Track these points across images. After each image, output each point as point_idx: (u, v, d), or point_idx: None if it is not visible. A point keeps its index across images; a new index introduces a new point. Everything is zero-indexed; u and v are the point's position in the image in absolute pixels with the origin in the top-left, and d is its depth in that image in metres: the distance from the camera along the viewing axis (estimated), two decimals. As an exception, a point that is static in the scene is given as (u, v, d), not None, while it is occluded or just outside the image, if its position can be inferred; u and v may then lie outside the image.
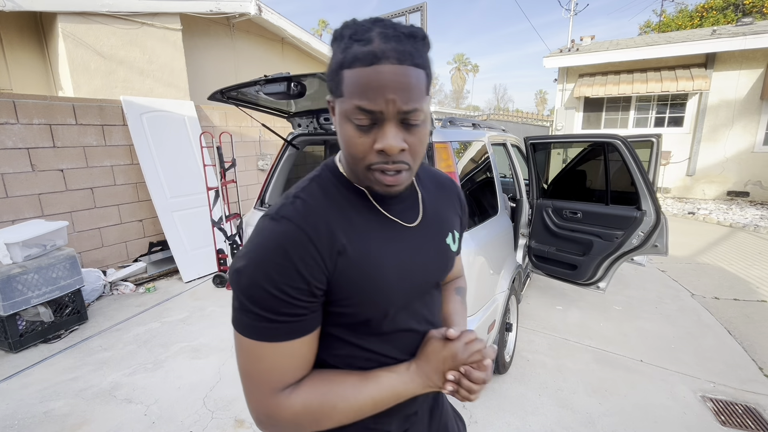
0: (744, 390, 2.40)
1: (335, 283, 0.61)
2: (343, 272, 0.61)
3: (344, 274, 0.61)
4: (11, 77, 4.67)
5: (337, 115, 0.60)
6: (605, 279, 3.00)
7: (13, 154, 3.45)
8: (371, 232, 0.65)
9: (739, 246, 5.45)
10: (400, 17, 6.28)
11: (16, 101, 3.46)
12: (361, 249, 0.63)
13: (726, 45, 7.91)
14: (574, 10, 15.57)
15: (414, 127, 0.59)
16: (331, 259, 0.60)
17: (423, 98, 0.58)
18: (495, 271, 2.23)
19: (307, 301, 0.59)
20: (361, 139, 0.58)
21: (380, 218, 0.67)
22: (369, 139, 0.58)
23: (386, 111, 0.56)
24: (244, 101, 2.30)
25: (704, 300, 3.71)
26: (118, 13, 4.74)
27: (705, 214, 7.22)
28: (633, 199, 2.77)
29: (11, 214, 3.46)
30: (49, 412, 2.20)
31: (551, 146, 3.48)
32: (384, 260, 0.65)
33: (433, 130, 2.02)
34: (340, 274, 0.61)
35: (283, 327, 0.59)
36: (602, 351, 2.83)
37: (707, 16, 16.02)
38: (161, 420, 2.14)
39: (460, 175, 1.99)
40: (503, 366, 2.46)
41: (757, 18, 10.10)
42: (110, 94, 4.73)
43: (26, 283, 2.84)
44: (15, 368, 2.63)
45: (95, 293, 3.68)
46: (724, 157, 8.56)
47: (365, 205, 0.67)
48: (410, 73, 0.55)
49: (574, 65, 9.73)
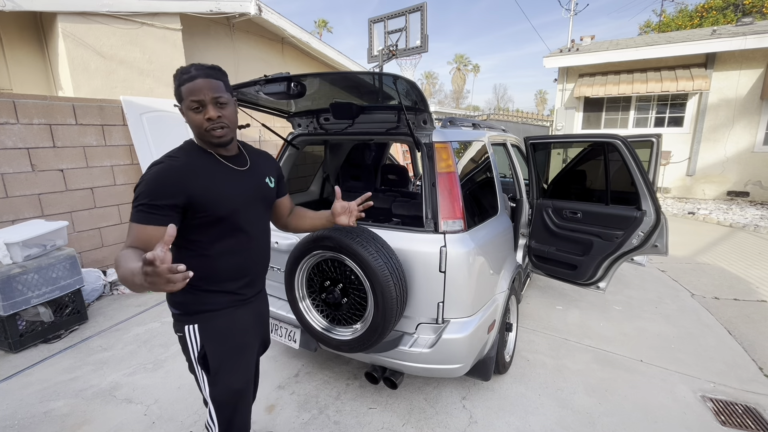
0: (744, 390, 2.40)
1: (194, 197, 1.16)
2: (199, 192, 1.17)
3: (199, 192, 1.17)
4: (11, 77, 4.67)
5: (184, 111, 1.20)
6: (605, 279, 3.00)
7: (13, 154, 3.45)
8: (216, 173, 1.24)
9: (739, 246, 5.45)
10: (400, 17, 6.28)
11: (16, 101, 3.46)
12: (210, 179, 1.21)
13: (726, 45, 7.91)
14: (574, 10, 15.57)
15: (223, 106, 1.20)
16: (190, 184, 1.16)
17: (224, 91, 1.20)
18: (495, 271, 2.23)
19: (167, 205, 1.12)
20: (197, 116, 1.18)
21: (223, 166, 1.27)
22: (201, 115, 1.18)
23: (205, 98, 1.17)
24: (244, 101, 2.29)
25: (704, 300, 3.71)
26: (118, 13, 4.74)
27: (705, 214, 7.22)
28: (633, 199, 2.77)
29: (11, 214, 3.45)
30: (49, 412, 2.20)
31: (551, 146, 3.48)
32: (224, 185, 1.23)
33: (433, 129, 2.02)
34: (197, 193, 1.16)
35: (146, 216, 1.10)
36: (602, 351, 2.83)
37: (707, 16, 16.02)
38: (161, 420, 2.14)
39: (460, 175, 1.99)
40: (503, 366, 2.46)
41: (757, 18, 10.09)
42: (110, 94, 4.73)
43: (26, 283, 2.84)
44: (15, 368, 2.63)
45: (95, 293, 3.68)
46: (724, 157, 8.56)
47: (213, 160, 1.25)
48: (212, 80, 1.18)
49: (574, 65, 9.73)
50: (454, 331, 1.87)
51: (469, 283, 1.89)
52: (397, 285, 1.76)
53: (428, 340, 1.88)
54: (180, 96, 1.18)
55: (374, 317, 1.78)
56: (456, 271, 1.83)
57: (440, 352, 1.85)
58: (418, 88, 1.69)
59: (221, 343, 1.30)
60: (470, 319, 1.92)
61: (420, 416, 2.16)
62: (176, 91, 1.19)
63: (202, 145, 1.26)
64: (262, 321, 1.51)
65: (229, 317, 1.31)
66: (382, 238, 1.84)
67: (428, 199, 1.92)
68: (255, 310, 1.42)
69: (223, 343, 1.30)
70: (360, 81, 1.99)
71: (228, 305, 1.31)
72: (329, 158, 3.35)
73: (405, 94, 1.81)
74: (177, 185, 1.13)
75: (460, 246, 1.84)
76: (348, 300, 1.90)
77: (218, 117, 1.18)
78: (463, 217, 1.89)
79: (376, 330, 1.79)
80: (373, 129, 2.27)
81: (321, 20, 40.41)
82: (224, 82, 1.22)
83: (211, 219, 1.20)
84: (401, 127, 2.18)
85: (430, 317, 1.91)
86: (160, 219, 1.11)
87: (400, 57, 6.35)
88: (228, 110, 1.22)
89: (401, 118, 2.15)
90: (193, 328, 1.28)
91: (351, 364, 2.63)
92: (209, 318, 1.28)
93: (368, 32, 6.61)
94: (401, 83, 1.65)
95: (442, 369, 1.92)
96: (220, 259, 1.26)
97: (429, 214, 1.90)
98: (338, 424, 2.10)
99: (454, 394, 2.35)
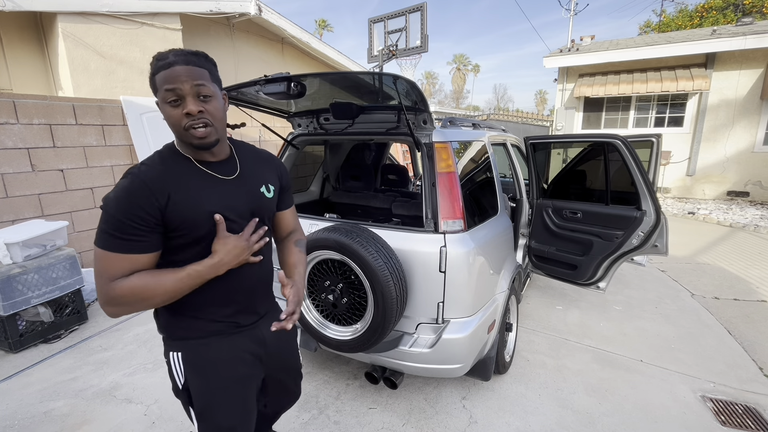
0: (744, 390, 2.40)
1: (168, 216, 0.96)
2: (172, 210, 0.96)
3: (173, 211, 0.96)
4: (11, 77, 4.67)
5: (160, 105, 0.98)
6: (605, 279, 3.00)
7: (13, 154, 3.45)
8: (192, 184, 1.01)
9: (739, 246, 5.45)
10: (400, 17, 6.28)
11: (16, 101, 3.46)
12: (184, 194, 0.98)
13: (726, 45, 7.91)
14: (574, 10, 15.57)
15: (207, 99, 0.98)
16: (162, 201, 0.95)
17: (208, 81, 0.99)
18: (495, 271, 2.23)
19: (143, 227, 0.93)
20: (174, 111, 0.96)
21: (202, 174, 1.04)
22: (179, 109, 0.96)
23: (183, 89, 0.95)
24: (244, 101, 2.29)
25: (704, 300, 3.71)
26: (118, 13, 4.74)
27: (705, 214, 7.22)
28: (633, 199, 2.77)
29: (11, 214, 3.45)
30: (49, 412, 2.20)
31: (551, 146, 3.48)
32: (202, 199, 1.01)
33: (433, 129, 2.02)
34: (170, 211, 0.96)
35: (123, 243, 0.93)
36: (602, 351, 2.83)
37: (707, 16, 16.02)
38: (161, 420, 2.14)
39: (460, 175, 1.99)
40: (503, 366, 2.46)
41: (757, 18, 10.09)
42: (110, 94, 4.73)
43: (26, 283, 2.84)
44: (15, 368, 2.63)
45: (95, 293, 3.68)
46: (724, 157, 8.56)
47: (191, 167, 1.03)
48: (194, 68, 0.96)
49: (574, 65, 9.72)
50: (454, 331, 1.87)
51: (469, 283, 1.89)
52: (397, 285, 1.76)
53: (428, 340, 1.88)
54: (155, 86, 0.97)
55: (374, 317, 1.78)
56: (456, 271, 1.83)
57: (440, 352, 1.85)
58: (418, 88, 1.69)
59: (206, 377, 1.11)
60: (470, 319, 1.92)
61: (420, 416, 2.16)
62: (151, 80, 0.98)
63: (181, 149, 1.05)
64: (272, 348, 1.25)
65: (216, 347, 1.12)
66: (382, 238, 1.84)
67: (428, 199, 1.92)
68: (256, 337, 1.19)
69: (209, 378, 1.11)
70: (360, 81, 1.99)
71: (215, 333, 1.12)
72: (329, 158, 3.35)
73: (405, 94, 1.81)
74: (148, 202, 0.93)
75: (460, 246, 1.84)
76: (348, 300, 1.90)
77: (199, 112, 0.96)
78: (463, 217, 1.89)
79: (376, 330, 1.79)
80: (373, 129, 2.27)
81: (321, 20, 40.40)
82: (209, 70, 1.01)
83: (188, 240, 1.01)
84: (401, 127, 2.18)
85: (430, 317, 1.91)
86: (140, 245, 0.94)
87: (400, 57, 6.35)
88: (212, 105, 0.99)
89: (401, 118, 2.15)
90: (177, 357, 1.11)
91: (351, 364, 2.63)
92: (194, 347, 1.11)
93: (368, 32, 6.61)
94: (401, 83, 1.65)
95: (442, 369, 1.92)
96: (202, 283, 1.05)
97: (429, 214, 1.90)
98: (338, 424, 2.10)
99: (454, 394, 2.35)
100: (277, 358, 1.29)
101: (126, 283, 0.93)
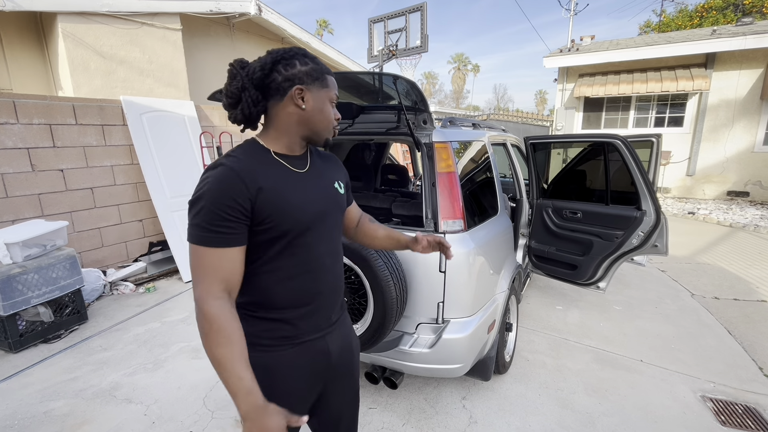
0: (744, 390, 2.40)
1: (258, 208, 0.94)
2: (263, 201, 0.94)
3: (263, 202, 0.94)
4: (11, 77, 4.67)
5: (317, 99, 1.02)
6: (605, 279, 3.00)
7: (13, 154, 3.45)
8: (278, 177, 1.00)
9: (739, 246, 5.45)
10: (400, 17, 6.28)
11: (16, 101, 3.46)
12: (273, 185, 0.97)
13: (726, 45, 7.92)
14: (574, 10, 15.57)
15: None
16: (253, 192, 0.93)
17: None
18: (495, 271, 2.23)
19: (234, 218, 0.91)
20: (332, 111, 1.06)
21: (282, 167, 1.03)
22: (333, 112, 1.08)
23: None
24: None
25: (704, 300, 3.71)
26: (118, 13, 4.74)
27: (705, 214, 7.22)
28: (633, 199, 2.77)
29: (11, 214, 3.45)
30: (49, 412, 2.20)
31: (551, 146, 3.48)
32: (287, 193, 1.00)
33: (433, 129, 2.02)
34: (261, 202, 0.94)
35: (220, 237, 0.90)
36: (602, 351, 2.83)
37: (707, 16, 16.02)
38: (161, 420, 2.14)
39: (460, 175, 1.99)
40: (503, 366, 2.46)
41: (757, 18, 10.09)
42: (110, 94, 4.73)
43: (26, 283, 2.84)
44: (15, 368, 2.63)
45: (95, 293, 3.68)
46: (724, 157, 8.56)
47: (273, 160, 1.03)
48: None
49: (574, 65, 9.73)
50: (454, 331, 1.87)
51: (469, 283, 1.89)
52: (397, 285, 1.76)
53: (428, 340, 1.88)
54: (324, 83, 1.02)
55: (374, 317, 1.78)
56: (456, 271, 1.83)
57: (440, 352, 1.85)
58: (418, 88, 1.69)
59: (270, 384, 1.00)
60: (470, 319, 1.92)
61: (420, 416, 2.16)
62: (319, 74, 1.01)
63: (269, 147, 1.04)
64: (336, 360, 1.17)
65: (285, 354, 1.06)
66: (382, 238, 1.84)
67: (428, 199, 1.92)
68: (322, 349, 1.12)
69: (273, 385, 1.02)
70: (360, 81, 2.00)
71: (287, 338, 1.06)
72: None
73: (405, 94, 1.81)
74: (243, 190, 0.92)
75: (460, 246, 1.84)
76: (348, 300, 1.90)
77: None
78: (463, 217, 1.89)
79: (376, 330, 1.79)
80: (373, 129, 2.27)
81: (322, 20, 40.38)
82: None
83: (272, 234, 0.98)
84: (401, 127, 2.18)
85: (430, 317, 1.91)
86: (232, 238, 0.92)
87: (400, 57, 6.35)
88: None
89: (401, 118, 2.15)
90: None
91: (351, 364, 2.63)
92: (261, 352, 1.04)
93: (368, 32, 6.61)
94: (401, 83, 1.65)
95: (442, 369, 1.92)
96: (281, 281, 1.03)
97: (429, 214, 1.91)
98: (338, 424, 2.10)
99: (454, 394, 2.35)
100: (338, 372, 1.20)
101: (217, 309, 0.88)
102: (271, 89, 0.98)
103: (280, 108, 1.00)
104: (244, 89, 0.97)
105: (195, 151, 4.73)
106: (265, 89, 0.99)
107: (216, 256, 0.90)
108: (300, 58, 1.00)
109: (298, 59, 0.99)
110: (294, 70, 0.98)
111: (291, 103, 1.00)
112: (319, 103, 1.02)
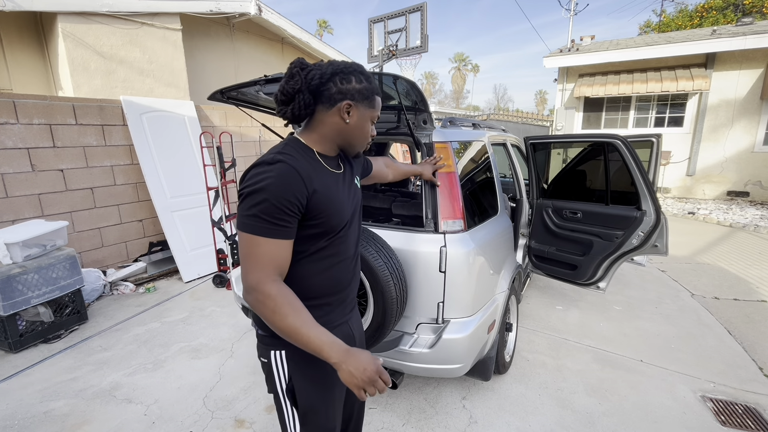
0: (744, 390, 2.40)
1: (310, 207, 1.00)
2: (315, 201, 1.01)
3: (315, 202, 1.01)
4: (11, 77, 4.67)
5: (360, 116, 1.09)
6: (605, 279, 2.99)
7: (13, 154, 3.45)
8: (325, 177, 1.07)
9: (739, 246, 5.45)
10: (400, 17, 6.28)
11: (16, 101, 3.46)
12: (323, 185, 1.04)
13: (726, 45, 7.91)
14: (574, 10, 15.57)
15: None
16: (310, 191, 0.99)
17: None
18: (495, 271, 2.23)
19: (293, 213, 0.97)
20: (369, 128, 1.13)
21: (326, 170, 1.10)
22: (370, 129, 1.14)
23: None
24: (244, 101, 2.29)
25: (704, 300, 3.71)
26: (118, 13, 4.74)
27: (705, 214, 7.22)
28: (633, 199, 2.77)
29: (11, 214, 3.45)
30: (49, 412, 2.20)
31: (551, 146, 3.48)
32: (332, 194, 1.07)
33: (433, 129, 2.02)
34: (314, 202, 1.01)
35: (278, 229, 0.96)
36: (602, 351, 2.83)
37: (707, 16, 16.02)
38: (161, 420, 2.14)
39: (460, 175, 1.99)
40: (503, 366, 2.46)
41: (757, 18, 10.09)
42: (110, 94, 4.73)
43: (26, 283, 2.84)
44: (15, 368, 2.63)
45: (95, 293, 3.68)
46: (724, 157, 8.56)
47: (318, 162, 1.08)
48: None
49: (574, 65, 9.72)
50: (454, 331, 1.87)
51: (469, 283, 1.89)
52: (397, 285, 1.76)
53: (428, 340, 1.88)
54: (371, 103, 1.09)
55: (374, 317, 1.78)
56: (456, 271, 1.83)
57: (440, 352, 1.85)
58: (418, 88, 1.69)
59: (311, 376, 1.12)
60: (470, 319, 1.92)
61: (420, 416, 2.16)
62: (366, 92, 1.07)
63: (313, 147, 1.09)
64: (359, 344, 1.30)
65: None
66: (382, 238, 1.84)
67: (428, 199, 1.92)
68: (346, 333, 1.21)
69: (314, 377, 1.12)
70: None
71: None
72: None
73: (405, 94, 1.81)
74: (303, 188, 0.98)
75: (460, 246, 1.84)
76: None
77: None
78: (463, 217, 1.89)
79: (376, 330, 1.79)
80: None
81: (322, 21, 40.37)
82: None
83: (321, 229, 1.05)
84: (401, 127, 2.18)
85: (430, 317, 1.91)
86: (289, 231, 0.98)
87: (400, 57, 6.34)
88: None
89: (401, 118, 2.15)
90: (280, 355, 1.11)
91: (351, 364, 2.62)
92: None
93: (368, 32, 6.61)
94: (401, 83, 1.65)
95: (442, 369, 1.92)
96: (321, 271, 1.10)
97: (429, 214, 1.91)
98: (338, 424, 2.10)
99: (454, 394, 2.35)
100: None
101: (278, 288, 0.95)
102: (324, 96, 1.03)
103: (326, 115, 1.06)
104: (300, 91, 1.02)
105: (195, 151, 4.73)
106: (318, 95, 1.04)
107: (274, 246, 0.96)
108: (357, 75, 1.06)
109: (354, 76, 1.05)
110: (349, 86, 1.04)
111: (337, 114, 1.05)
112: (362, 121, 1.09)
